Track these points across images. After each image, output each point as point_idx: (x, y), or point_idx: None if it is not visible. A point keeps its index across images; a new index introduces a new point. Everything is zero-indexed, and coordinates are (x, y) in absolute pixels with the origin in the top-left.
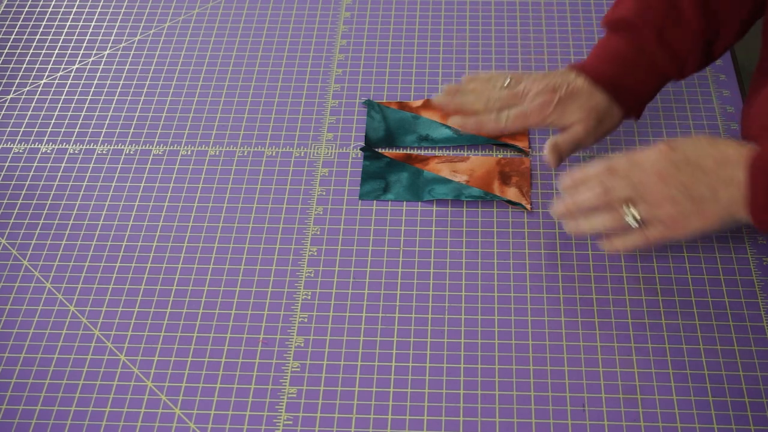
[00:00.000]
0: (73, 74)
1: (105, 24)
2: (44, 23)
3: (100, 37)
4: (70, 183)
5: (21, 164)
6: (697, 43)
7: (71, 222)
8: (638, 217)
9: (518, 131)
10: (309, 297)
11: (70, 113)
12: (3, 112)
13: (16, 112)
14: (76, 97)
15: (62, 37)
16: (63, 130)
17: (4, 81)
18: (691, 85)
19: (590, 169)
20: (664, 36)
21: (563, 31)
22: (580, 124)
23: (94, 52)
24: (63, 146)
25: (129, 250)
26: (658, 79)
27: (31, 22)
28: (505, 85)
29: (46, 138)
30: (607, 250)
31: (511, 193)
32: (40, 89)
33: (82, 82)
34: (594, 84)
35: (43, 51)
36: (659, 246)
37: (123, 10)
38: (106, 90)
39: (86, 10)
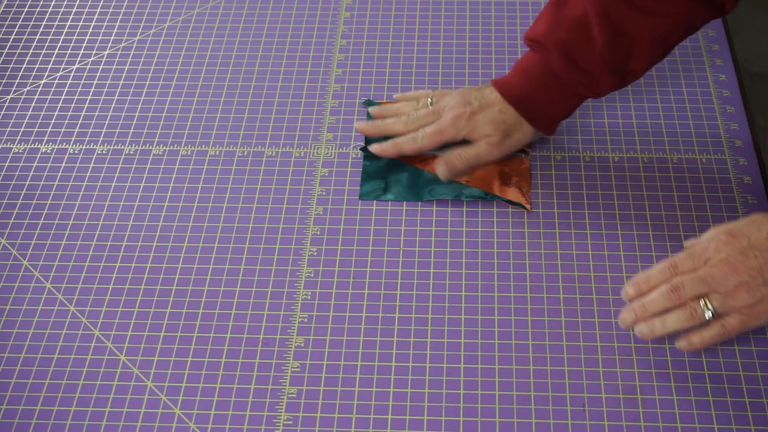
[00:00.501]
0: (73, 74)
1: (105, 24)
2: (44, 23)
3: (100, 37)
4: (70, 183)
5: (21, 164)
6: (605, 62)
7: (71, 222)
8: (714, 311)
9: (435, 148)
10: (309, 297)
11: (70, 113)
12: (3, 112)
13: (16, 112)
14: (76, 97)
15: (62, 37)
16: (63, 130)
17: (4, 81)
18: (691, 85)
19: (652, 272)
20: (570, 55)
21: None
22: (486, 138)
23: (94, 52)
24: (63, 146)
25: (129, 250)
26: (570, 97)
27: (31, 22)
28: (429, 103)
29: (46, 138)
30: (685, 348)
31: (511, 193)
32: (40, 89)
33: (82, 82)
34: (505, 99)
35: (43, 51)
36: (739, 336)
37: (123, 10)
38: (106, 90)
39: (86, 10)
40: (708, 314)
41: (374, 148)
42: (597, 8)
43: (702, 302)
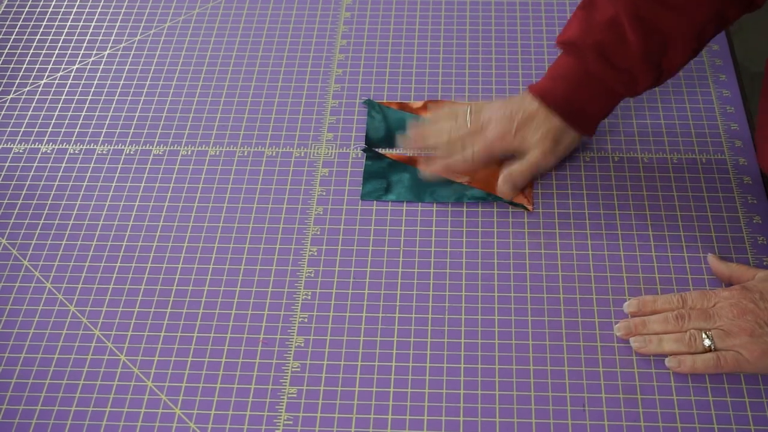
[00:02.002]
0: (73, 74)
1: (105, 24)
2: (44, 23)
3: (100, 37)
4: (70, 183)
5: (21, 164)
6: (641, 61)
7: (71, 222)
8: (714, 344)
9: (487, 162)
10: (309, 297)
11: (70, 113)
12: (3, 112)
13: (16, 112)
14: (76, 97)
15: (62, 37)
16: (63, 130)
17: (4, 81)
18: (691, 85)
19: (659, 297)
20: (606, 55)
21: None
22: (537, 148)
23: (94, 52)
24: (63, 146)
25: (129, 250)
26: (609, 98)
27: (31, 22)
28: (467, 117)
29: (46, 138)
30: (674, 368)
31: None
32: (40, 89)
33: (82, 82)
34: (547, 107)
35: (43, 51)
36: (731, 374)
37: (123, 10)
38: (106, 90)
39: (86, 10)
40: (707, 342)
41: (421, 169)
42: (627, 9)
43: (703, 333)
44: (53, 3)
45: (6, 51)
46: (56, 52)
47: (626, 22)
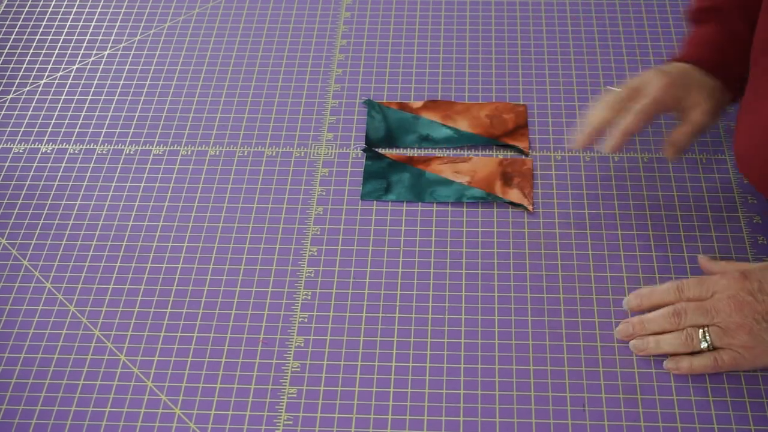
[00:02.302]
0: (73, 74)
1: (105, 24)
2: (44, 23)
3: (100, 37)
4: (70, 183)
5: (21, 164)
6: None
7: (71, 222)
8: (711, 343)
9: (650, 120)
10: (309, 297)
11: (70, 113)
12: (3, 112)
13: (16, 112)
14: (76, 97)
15: (62, 37)
16: (63, 130)
17: (4, 81)
18: None
19: (657, 288)
20: (750, 18)
21: (563, 31)
22: (702, 105)
23: (94, 52)
24: (63, 146)
25: (129, 250)
26: (748, 60)
27: (31, 22)
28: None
29: (46, 138)
30: (671, 370)
31: (513, 194)
32: (40, 89)
33: (82, 82)
34: (698, 68)
35: (43, 51)
36: (728, 372)
37: (123, 10)
38: (106, 90)
39: (86, 10)
40: (704, 344)
41: (608, 146)
42: None
43: (701, 332)
44: (53, 3)
45: (6, 51)
46: (56, 52)
47: None
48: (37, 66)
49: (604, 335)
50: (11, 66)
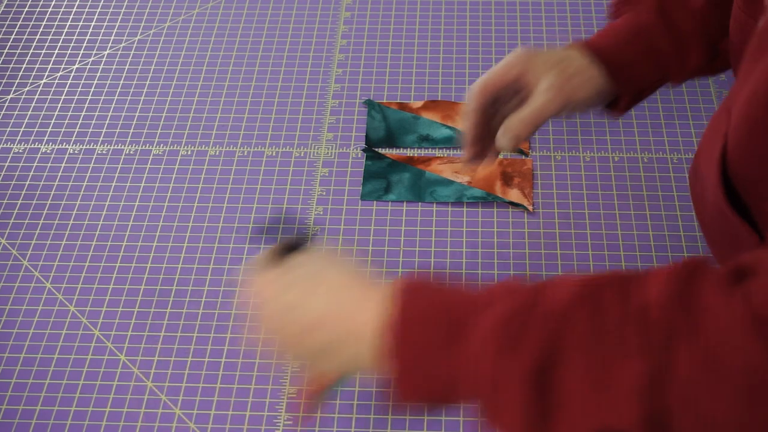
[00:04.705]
0: (73, 74)
1: (105, 24)
2: (44, 23)
3: (100, 37)
4: (70, 183)
5: (21, 164)
6: (699, 26)
7: (71, 222)
8: None
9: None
10: None
11: (70, 113)
12: (3, 112)
13: (16, 112)
14: (76, 97)
15: (62, 37)
16: (63, 130)
17: (4, 81)
18: (691, 85)
19: None
20: (664, 8)
21: (563, 31)
22: (543, 88)
23: (94, 52)
24: (63, 146)
25: (129, 250)
26: (655, 65)
27: (31, 22)
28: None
29: (46, 138)
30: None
31: (513, 194)
32: (40, 89)
33: (82, 82)
34: (584, 51)
35: (43, 51)
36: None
37: (123, 10)
38: (106, 90)
39: (86, 10)
40: None
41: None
42: None
43: None
44: (53, 3)
45: (6, 51)
46: (56, 52)
47: None
48: (37, 66)
49: None
50: (11, 66)
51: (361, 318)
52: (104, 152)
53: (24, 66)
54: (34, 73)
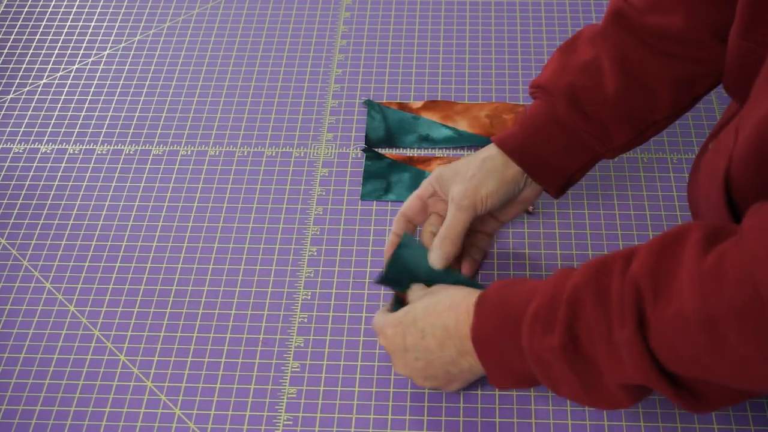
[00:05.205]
0: (73, 74)
1: (105, 24)
2: (44, 23)
3: (100, 37)
4: (70, 183)
5: (21, 164)
6: (617, 110)
7: (71, 222)
8: None
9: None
10: (309, 297)
11: (70, 113)
12: (3, 112)
13: (16, 112)
14: (76, 97)
15: (62, 37)
16: (63, 130)
17: (4, 81)
18: None
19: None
20: (577, 101)
21: (563, 31)
22: (453, 203)
23: (94, 52)
24: (63, 146)
25: (129, 250)
26: (579, 150)
27: (31, 22)
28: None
29: (46, 138)
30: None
31: None
32: (40, 89)
33: (82, 82)
34: (501, 150)
35: (43, 51)
36: None
37: (123, 10)
38: (106, 90)
39: (86, 10)
40: None
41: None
42: (612, 52)
43: None
44: (53, 3)
45: (6, 51)
46: (56, 52)
47: (607, 65)
48: (37, 66)
49: None
50: (11, 66)
51: (462, 333)
52: (104, 152)
53: (24, 66)
54: (34, 73)
